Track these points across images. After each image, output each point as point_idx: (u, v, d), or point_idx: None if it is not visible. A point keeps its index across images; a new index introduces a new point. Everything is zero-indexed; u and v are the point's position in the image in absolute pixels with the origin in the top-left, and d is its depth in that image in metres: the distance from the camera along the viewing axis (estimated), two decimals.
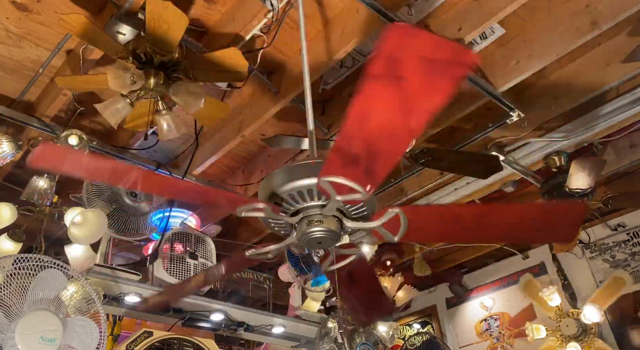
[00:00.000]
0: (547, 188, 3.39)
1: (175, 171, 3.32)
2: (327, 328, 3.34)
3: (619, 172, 3.66)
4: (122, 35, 2.25)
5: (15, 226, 2.60)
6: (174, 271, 2.86)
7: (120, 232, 2.76)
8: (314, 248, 1.41)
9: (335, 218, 1.34)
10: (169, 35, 2.12)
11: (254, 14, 2.36)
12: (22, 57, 2.61)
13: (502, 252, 4.74)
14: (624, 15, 2.37)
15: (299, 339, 3.49)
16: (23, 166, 3.16)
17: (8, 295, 1.89)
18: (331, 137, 3.09)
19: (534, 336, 3.93)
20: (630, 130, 3.26)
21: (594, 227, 4.27)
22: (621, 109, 2.96)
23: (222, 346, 3.37)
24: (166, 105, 2.39)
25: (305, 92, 1.73)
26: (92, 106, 2.37)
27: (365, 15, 2.34)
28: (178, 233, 3.03)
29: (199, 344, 2.65)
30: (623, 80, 2.81)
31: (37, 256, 2.01)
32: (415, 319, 5.34)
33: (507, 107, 2.92)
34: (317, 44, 2.55)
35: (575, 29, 2.48)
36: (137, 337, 2.48)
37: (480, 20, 2.39)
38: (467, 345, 4.90)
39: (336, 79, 2.96)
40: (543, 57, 2.61)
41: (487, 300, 4.90)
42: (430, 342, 4.02)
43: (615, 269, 4.14)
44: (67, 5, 2.32)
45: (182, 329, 2.90)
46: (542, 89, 3.01)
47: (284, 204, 1.33)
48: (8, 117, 2.78)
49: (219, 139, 3.19)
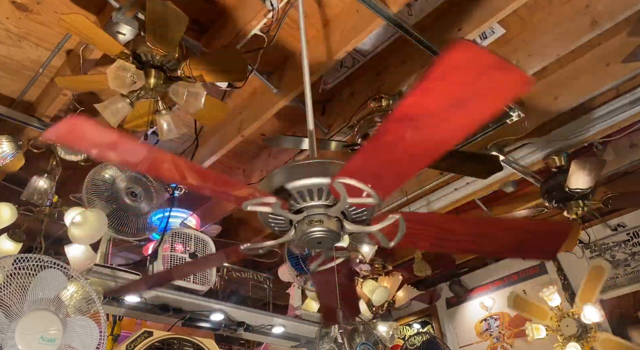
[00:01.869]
0: (547, 188, 3.39)
1: None
2: (327, 328, 3.34)
3: (619, 172, 3.66)
4: (122, 35, 2.25)
5: (15, 226, 2.60)
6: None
7: (120, 232, 2.76)
8: (313, 248, 1.40)
9: (336, 219, 1.33)
10: (169, 35, 2.12)
11: (254, 14, 2.36)
12: (22, 57, 2.61)
13: None
14: (623, 15, 2.37)
15: (299, 339, 3.48)
16: (23, 166, 3.16)
17: (8, 295, 1.88)
18: (331, 137, 3.09)
19: (534, 336, 3.93)
20: (630, 130, 3.26)
21: (594, 227, 4.26)
22: (621, 109, 2.96)
23: (222, 346, 3.37)
24: (166, 105, 2.39)
25: (305, 92, 1.72)
26: (92, 106, 2.37)
27: (365, 15, 2.34)
28: (178, 233, 3.03)
29: (199, 344, 2.65)
30: (623, 80, 2.81)
31: (37, 256, 2.01)
32: (415, 319, 5.34)
33: (507, 107, 2.92)
34: (317, 44, 2.55)
35: (575, 29, 2.48)
36: (137, 337, 2.48)
37: (480, 20, 2.39)
38: (467, 345, 4.90)
39: (336, 79, 2.96)
40: (543, 57, 2.61)
41: (487, 300, 4.90)
42: (430, 342, 4.02)
43: (616, 269, 4.14)
44: (67, 5, 2.33)
45: (182, 329, 2.90)
46: (542, 89, 3.01)
47: (290, 200, 1.32)
48: (8, 117, 2.78)
49: (219, 138, 3.19)
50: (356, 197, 1.25)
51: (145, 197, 2.91)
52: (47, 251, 2.54)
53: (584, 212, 3.40)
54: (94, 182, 2.71)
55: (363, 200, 1.25)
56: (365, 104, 2.88)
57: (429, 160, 1.12)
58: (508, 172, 3.39)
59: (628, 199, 3.57)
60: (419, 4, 2.47)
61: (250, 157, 3.62)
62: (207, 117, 2.56)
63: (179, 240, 2.99)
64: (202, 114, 2.49)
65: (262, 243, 1.46)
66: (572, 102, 2.93)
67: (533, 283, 4.59)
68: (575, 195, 3.30)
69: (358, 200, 1.26)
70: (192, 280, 2.90)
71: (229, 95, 2.92)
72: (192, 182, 1.20)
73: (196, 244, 3.06)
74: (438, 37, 2.53)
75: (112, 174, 2.80)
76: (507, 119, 2.99)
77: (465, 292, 5.05)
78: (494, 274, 4.94)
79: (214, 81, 2.58)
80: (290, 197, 1.31)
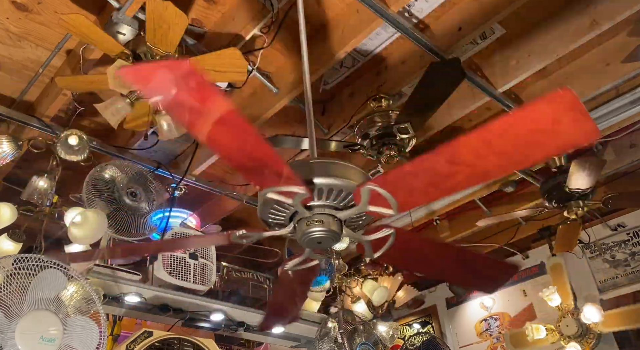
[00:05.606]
0: (547, 188, 3.39)
1: (175, 171, 3.32)
2: (327, 328, 3.35)
3: (619, 172, 3.66)
4: (122, 35, 2.25)
5: (15, 226, 2.59)
6: (174, 271, 2.86)
7: (120, 232, 2.76)
8: (310, 247, 1.40)
9: (337, 221, 1.33)
10: (169, 35, 2.12)
11: (254, 14, 2.36)
12: (22, 57, 2.60)
13: (502, 252, 4.73)
14: (624, 15, 2.37)
15: (299, 339, 3.49)
16: (23, 166, 3.16)
17: (8, 295, 1.88)
18: (331, 137, 3.09)
19: (534, 336, 3.93)
20: (630, 130, 3.26)
21: (594, 227, 4.26)
22: (621, 109, 2.96)
23: (222, 346, 3.37)
24: None
25: (305, 92, 1.72)
26: (92, 106, 2.37)
27: (365, 15, 2.34)
28: (178, 233, 3.03)
29: (199, 344, 2.65)
30: (623, 80, 2.81)
31: (37, 256, 2.01)
32: (415, 319, 5.33)
33: (507, 107, 2.92)
34: (317, 44, 2.55)
35: (575, 29, 2.48)
36: (137, 337, 2.48)
37: (480, 20, 2.39)
38: (467, 345, 4.90)
39: (336, 79, 2.96)
40: (543, 57, 2.61)
41: (487, 300, 4.90)
42: (430, 342, 4.02)
43: (616, 268, 4.14)
44: (67, 5, 2.32)
45: (182, 329, 2.90)
46: (542, 89, 3.00)
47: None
48: (8, 117, 2.78)
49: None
50: (375, 205, 1.24)
51: (145, 197, 2.91)
52: (47, 251, 2.54)
53: (584, 212, 3.40)
54: (94, 182, 2.71)
55: (380, 210, 1.25)
56: (365, 104, 2.88)
57: (468, 187, 1.14)
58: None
59: (628, 199, 3.58)
60: (419, 3, 2.47)
61: None
62: None
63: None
64: None
65: (254, 233, 1.44)
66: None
67: (533, 283, 4.58)
68: (575, 195, 3.30)
69: (377, 209, 1.25)
70: (192, 281, 2.90)
71: (229, 95, 2.92)
72: (234, 140, 1.09)
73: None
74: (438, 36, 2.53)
75: (112, 174, 2.80)
76: None
77: (465, 292, 5.05)
78: None
79: (214, 81, 2.58)
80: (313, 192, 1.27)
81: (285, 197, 1.23)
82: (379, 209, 1.25)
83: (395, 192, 1.20)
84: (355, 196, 1.25)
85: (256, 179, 1.25)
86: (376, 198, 1.22)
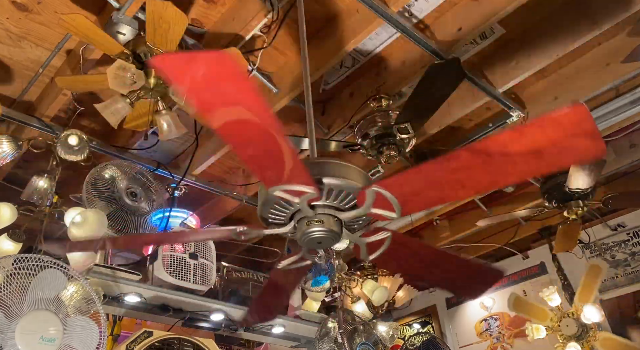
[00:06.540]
0: (547, 188, 3.39)
1: (175, 171, 3.32)
2: (327, 328, 3.34)
3: (619, 172, 3.66)
4: (122, 35, 2.25)
5: (15, 226, 2.59)
6: (174, 271, 2.86)
7: (120, 232, 2.76)
8: (310, 246, 1.40)
9: (338, 221, 1.33)
10: (169, 35, 2.12)
11: (254, 14, 2.36)
12: (22, 57, 2.61)
13: (502, 252, 4.74)
14: (624, 15, 2.37)
15: (299, 339, 3.48)
16: (23, 166, 3.16)
17: (8, 295, 1.88)
18: (331, 137, 3.09)
19: (534, 336, 3.93)
20: (630, 130, 3.26)
21: (594, 227, 4.27)
22: (621, 109, 2.95)
23: (222, 346, 3.37)
24: (166, 105, 2.38)
25: (305, 92, 1.72)
26: (92, 106, 2.37)
27: (365, 15, 2.34)
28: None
29: (199, 344, 2.65)
30: (623, 80, 2.81)
31: (37, 256, 2.00)
32: (415, 319, 5.34)
33: (507, 107, 2.92)
34: (317, 44, 2.55)
35: (575, 29, 2.48)
36: (137, 337, 2.48)
37: (480, 20, 2.39)
38: (467, 345, 4.90)
39: (336, 79, 2.96)
40: (543, 57, 2.61)
41: (487, 300, 4.90)
42: (430, 342, 4.02)
43: (616, 268, 4.14)
44: (67, 5, 2.32)
45: (182, 329, 2.90)
46: (542, 89, 3.01)
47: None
48: (8, 117, 2.78)
49: (219, 138, 3.19)
50: (378, 208, 1.25)
51: (145, 197, 2.91)
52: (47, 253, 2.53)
53: (584, 212, 3.40)
54: (94, 182, 2.71)
55: (382, 212, 1.26)
56: (365, 104, 2.88)
57: (473, 194, 1.15)
58: None
59: (628, 199, 3.58)
60: (419, 3, 2.47)
61: None
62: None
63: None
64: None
65: (255, 230, 1.44)
66: (572, 102, 2.93)
67: (533, 283, 4.59)
68: (575, 195, 3.30)
69: (380, 211, 1.26)
70: (192, 281, 2.90)
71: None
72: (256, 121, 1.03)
73: (196, 244, 3.06)
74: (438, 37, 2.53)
75: (112, 174, 2.80)
76: (508, 119, 2.99)
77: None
78: None
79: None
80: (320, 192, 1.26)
81: (292, 195, 1.23)
82: (381, 212, 1.25)
83: (399, 195, 1.20)
84: (359, 198, 1.25)
85: (267, 175, 1.22)
86: (379, 200, 1.22)
